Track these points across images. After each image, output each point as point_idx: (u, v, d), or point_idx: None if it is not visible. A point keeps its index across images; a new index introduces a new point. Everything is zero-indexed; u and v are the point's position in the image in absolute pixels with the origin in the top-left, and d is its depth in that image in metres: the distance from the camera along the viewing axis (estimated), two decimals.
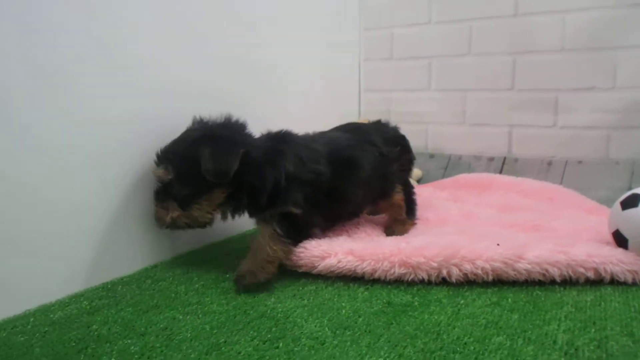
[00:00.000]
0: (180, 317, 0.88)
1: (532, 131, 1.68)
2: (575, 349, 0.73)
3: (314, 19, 1.66)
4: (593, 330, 0.79)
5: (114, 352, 0.76)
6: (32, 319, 0.87)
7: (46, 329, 0.84)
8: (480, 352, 0.73)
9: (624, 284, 0.97)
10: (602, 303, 0.89)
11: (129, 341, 0.79)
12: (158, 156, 1.03)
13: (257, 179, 1.02)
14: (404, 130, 1.35)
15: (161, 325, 0.84)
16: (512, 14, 1.65)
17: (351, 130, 1.28)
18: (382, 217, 1.36)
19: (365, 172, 1.17)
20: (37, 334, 0.82)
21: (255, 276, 0.98)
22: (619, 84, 1.53)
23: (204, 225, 1.05)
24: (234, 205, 1.07)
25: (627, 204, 1.02)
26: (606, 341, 0.75)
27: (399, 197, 1.30)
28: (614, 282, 0.97)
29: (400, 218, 1.30)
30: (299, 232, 1.07)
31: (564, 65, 1.61)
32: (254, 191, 1.03)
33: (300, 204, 1.04)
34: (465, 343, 0.76)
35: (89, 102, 1.00)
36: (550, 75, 1.63)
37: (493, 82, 1.71)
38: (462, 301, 0.91)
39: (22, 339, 0.80)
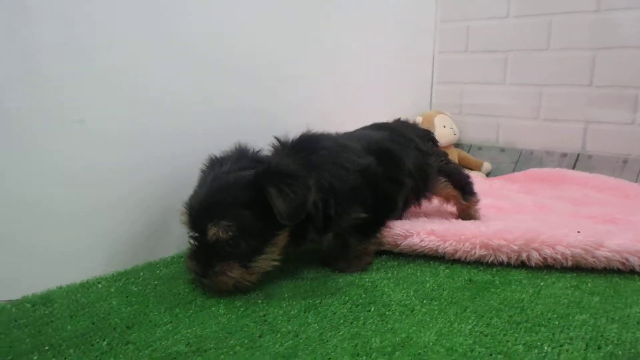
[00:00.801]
0: (276, 280, 0.97)
1: (608, 127, 1.67)
2: None
3: (391, 9, 1.71)
4: None
5: (221, 304, 0.86)
6: (141, 273, 1.00)
7: (155, 282, 0.96)
8: (565, 327, 0.78)
9: None
10: None
11: (233, 296, 0.89)
12: (203, 213, 0.86)
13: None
14: (476, 123, 1.38)
15: (260, 285, 0.94)
16: (594, 9, 1.64)
17: (380, 128, 1.24)
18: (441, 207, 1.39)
19: (407, 163, 1.13)
20: (149, 286, 0.94)
21: (357, 267, 1.03)
22: None
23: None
24: (297, 242, 0.95)
25: None
26: None
27: (448, 189, 1.27)
28: None
29: (463, 204, 1.29)
30: (373, 226, 1.07)
31: None
32: (310, 218, 0.91)
33: (359, 208, 1.00)
34: (549, 318, 0.81)
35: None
36: (631, 71, 1.61)
37: (571, 78, 1.70)
38: (541, 283, 0.96)
39: (136, 289, 0.92)
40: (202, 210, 0.87)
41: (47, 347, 0.70)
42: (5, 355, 0.68)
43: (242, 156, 0.96)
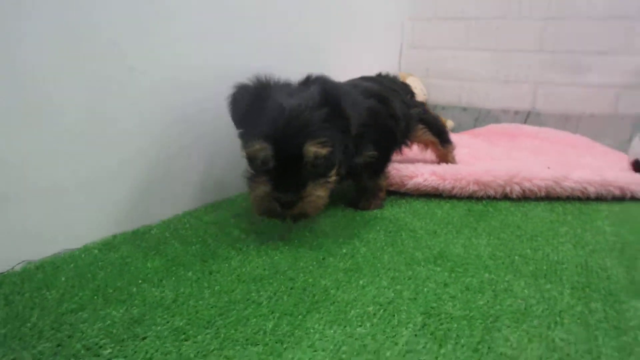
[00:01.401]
0: (314, 219, 1.10)
1: (554, 88, 1.95)
2: (621, 235, 1.02)
3: None
4: (628, 225, 1.08)
5: (275, 241, 0.99)
6: (187, 219, 1.08)
7: (205, 226, 1.04)
8: (554, 236, 1.01)
9: (638, 199, 1.27)
10: (628, 210, 1.19)
11: (279, 231, 1.02)
12: (294, 136, 0.86)
13: None
14: (441, 85, 1.54)
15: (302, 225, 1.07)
16: None
17: (367, 79, 1.32)
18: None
19: (398, 110, 1.21)
20: (200, 230, 1.02)
21: (376, 204, 1.18)
22: (633, 49, 1.80)
23: None
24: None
25: None
26: (636, 231, 1.04)
27: (427, 136, 1.41)
28: (633, 198, 1.27)
29: (441, 150, 1.46)
30: (381, 163, 1.19)
31: (588, 30, 1.87)
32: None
33: (371, 145, 1.10)
34: (541, 231, 1.04)
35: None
36: (575, 39, 1.89)
37: (524, 44, 1.96)
38: (525, 209, 1.19)
39: (190, 232, 1.01)
40: (291, 134, 0.86)
41: (139, 281, 0.78)
42: (109, 287, 0.77)
43: (282, 83, 0.98)
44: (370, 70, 1.49)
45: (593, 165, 1.39)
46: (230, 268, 0.84)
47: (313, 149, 0.86)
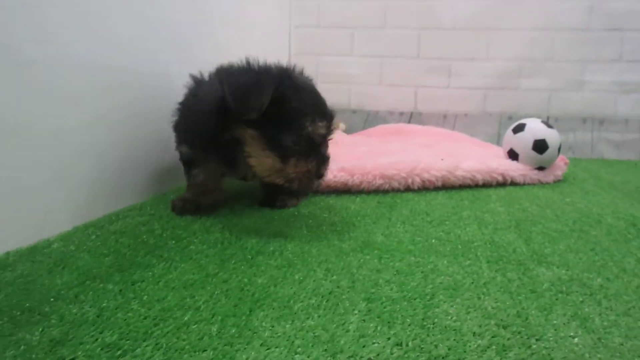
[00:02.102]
0: (237, 216, 1.06)
1: (431, 91, 2.14)
2: (512, 214, 1.14)
3: None
4: (516, 205, 1.22)
5: (197, 243, 0.93)
6: (91, 230, 0.95)
7: (114, 235, 0.93)
8: (460, 219, 1.09)
9: (518, 184, 1.44)
10: (511, 193, 1.34)
11: (208, 234, 0.96)
12: (330, 111, 1.02)
13: None
14: (331, 89, 1.61)
15: (221, 225, 1.02)
16: None
17: None
18: None
19: None
20: (110, 240, 0.91)
21: (293, 202, 1.20)
22: (492, 56, 2.05)
23: None
24: None
25: (517, 129, 1.50)
26: (523, 209, 1.18)
27: None
28: (512, 183, 1.44)
29: None
30: None
31: (455, 40, 2.08)
32: None
33: None
34: (447, 216, 1.11)
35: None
36: (445, 47, 2.09)
37: (403, 51, 2.11)
38: (428, 198, 1.27)
39: (99, 243, 0.89)
40: (324, 110, 1.00)
41: (51, 299, 0.67)
42: (15, 309, 0.64)
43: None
44: None
45: (477, 156, 1.55)
46: (155, 276, 0.76)
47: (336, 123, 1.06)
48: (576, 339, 0.60)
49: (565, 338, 0.61)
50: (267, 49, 2.02)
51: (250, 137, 0.95)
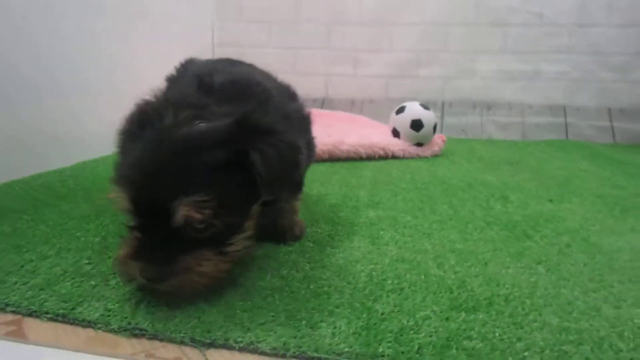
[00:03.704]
0: None
1: (340, 79, 2.35)
2: (374, 177, 1.36)
3: None
4: (383, 172, 1.44)
5: None
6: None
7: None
8: (329, 181, 1.30)
9: (399, 158, 1.67)
10: (388, 164, 1.57)
11: None
12: (161, 187, 0.60)
13: None
14: None
15: None
16: None
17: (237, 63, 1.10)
18: None
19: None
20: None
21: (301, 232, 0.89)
22: (393, 48, 2.29)
23: None
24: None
25: (399, 111, 1.73)
26: (387, 174, 1.40)
27: None
28: (394, 157, 1.66)
29: None
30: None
31: (361, 33, 2.30)
32: None
33: None
34: (319, 179, 1.32)
35: None
36: (351, 40, 2.30)
37: (315, 43, 2.31)
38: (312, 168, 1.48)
39: None
40: (158, 184, 0.60)
41: None
42: None
43: (184, 103, 0.69)
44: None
45: (364, 134, 1.76)
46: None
47: (183, 211, 0.59)
48: (359, 251, 0.81)
49: (354, 249, 0.82)
50: (188, 41, 2.17)
51: None
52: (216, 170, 0.61)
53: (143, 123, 0.65)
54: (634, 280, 0.73)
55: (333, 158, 1.57)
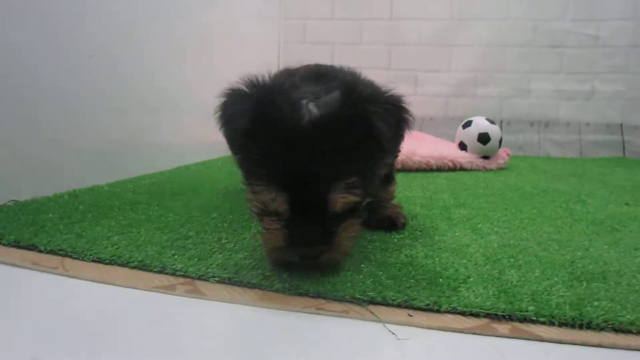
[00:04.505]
0: None
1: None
2: (451, 185, 1.44)
3: (243, 10, 2.16)
4: (458, 180, 1.52)
5: None
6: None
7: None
8: (410, 186, 1.39)
9: (466, 169, 1.75)
10: (458, 175, 1.65)
11: None
12: (316, 178, 0.63)
13: None
14: None
15: None
16: (388, 18, 2.41)
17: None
18: None
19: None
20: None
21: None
22: (452, 68, 2.39)
23: None
24: None
25: (465, 125, 1.82)
26: (462, 183, 1.48)
27: None
28: (462, 169, 1.74)
29: None
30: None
31: (421, 54, 2.42)
32: None
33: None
34: (401, 184, 1.41)
35: None
36: (412, 60, 2.42)
37: (376, 63, 2.44)
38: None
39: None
40: (314, 179, 0.63)
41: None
42: None
43: (287, 85, 0.73)
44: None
45: (436, 147, 1.85)
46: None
47: (341, 200, 0.64)
48: (465, 238, 0.90)
49: (459, 237, 0.90)
50: (259, 62, 2.34)
51: None
52: (351, 147, 0.64)
53: (263, 118, 0.65)
54: None
55: (405, 168, 1.66)
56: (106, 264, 0.74)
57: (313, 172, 0.63)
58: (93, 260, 0.74)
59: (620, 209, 1.18)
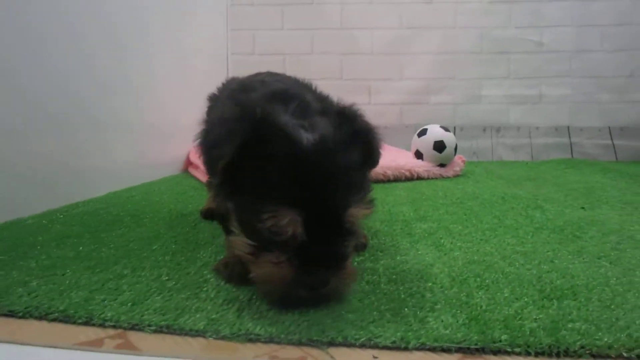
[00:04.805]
0: None
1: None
2: (410, 196, 1.40)
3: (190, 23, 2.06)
4: (416, 191, 1.49)
5: None
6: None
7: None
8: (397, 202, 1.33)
9: (424, 178, 1.72)
10: (416, 185, 1.62)
11: None
12: (335, 195, 0.60)
13: None
14: None
15: None
16: (339, 27, 2.38)
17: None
18: None
19: None
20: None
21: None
22: (405, 76, 2.38)
23: None
24: None
25: (421, 133, 1.80)
26: (421, 193, 1.45)
27: None
28: (419, 178, 1.71)
29: None
30: None
31: (373, 63, 2.40)
32: None
33: None
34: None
35: None
36: (364, 69, 2.40)
37: (328, 73, 2.40)
38: None
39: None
40: (332, 195, 0.60)
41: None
42: None
43: (277, 106, 0.68)
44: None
45: (393, 157, 1.82)
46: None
47: (359, 213, 0.63)
48: (428, 256, 0.85)
49: (423, 255, 0.85)
50: (207, 74, 2.24)
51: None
52: (358, 163, 0.65)
53: (264, 141, 0.61)
54: None
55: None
56: (20, 317, 0.62)
57: (332, 188, 0.60)
58: (4, 314, 0.63)
59: (577, 214, 1.17)
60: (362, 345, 0.56)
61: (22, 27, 1.13)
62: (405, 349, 0.55)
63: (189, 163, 1.89)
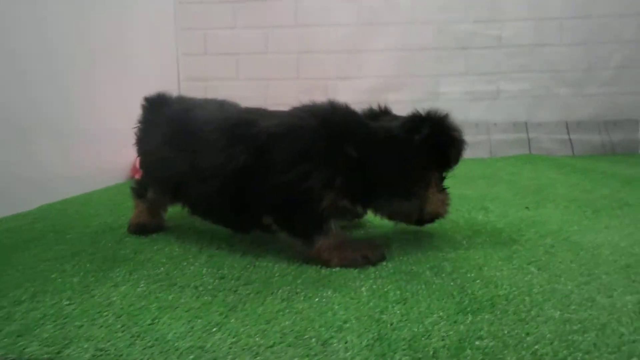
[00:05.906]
0: None
1: None
2: None
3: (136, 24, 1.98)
4: None
5: None
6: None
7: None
8: None
9: None
10: None
11: None
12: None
13: None
14: None
15: None
16: (294, 25, 2.33)
17: None
18: None
19: None
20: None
21: None
22: (363, 74, 2.35)
23: None
24: None
25: None
26: None
27: None
28: None
29: None
30: None
31: (330, 61, 2.36)
32: None
33: None
34: None
35: None
36: (321, 68, 2.35)
37: (285, 73, 2.35)
38: None
39: None
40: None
41: None
42: None
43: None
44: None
45: None
46: None
47: None
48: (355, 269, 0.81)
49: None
50: (157, 75, 2.17)
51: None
52: None
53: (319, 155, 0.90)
54: (619, 271, 0.76)
55: None
56: None
57: None
58: None
59: (520, 214, 1.15)
60: None
61: None
62: None
63: (135, 170, 1.82)
